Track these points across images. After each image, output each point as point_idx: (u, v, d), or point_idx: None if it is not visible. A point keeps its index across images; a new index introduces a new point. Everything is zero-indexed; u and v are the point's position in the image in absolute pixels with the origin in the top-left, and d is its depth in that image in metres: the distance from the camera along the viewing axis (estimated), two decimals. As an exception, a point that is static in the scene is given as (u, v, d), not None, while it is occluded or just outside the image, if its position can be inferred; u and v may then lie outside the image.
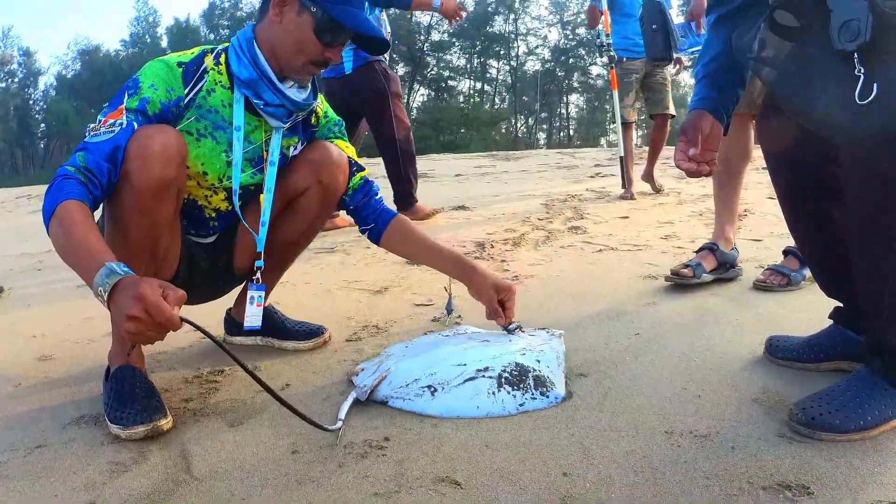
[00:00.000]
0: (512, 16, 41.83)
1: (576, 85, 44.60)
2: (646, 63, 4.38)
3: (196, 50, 1.41)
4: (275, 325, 1.77)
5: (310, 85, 1.48)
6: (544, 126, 47.78)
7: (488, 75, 43.93)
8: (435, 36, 36.85)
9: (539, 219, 3.84)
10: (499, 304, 1.54)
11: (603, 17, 4.37)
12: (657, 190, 4.58)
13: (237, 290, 1.78)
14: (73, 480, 1.11)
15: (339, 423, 1.24)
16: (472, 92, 41.00)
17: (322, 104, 1.60)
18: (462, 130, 36.42)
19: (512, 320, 1.56)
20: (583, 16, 34.14)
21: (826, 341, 1.39)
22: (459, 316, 1.94)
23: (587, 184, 5.49)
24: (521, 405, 1.29)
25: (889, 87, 0.95)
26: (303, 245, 1.67)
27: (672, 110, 4.46)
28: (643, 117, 4.95)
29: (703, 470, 1.05)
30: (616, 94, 4.42)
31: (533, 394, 1.32)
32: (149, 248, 1.30)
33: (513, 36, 43.45)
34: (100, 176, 1.19)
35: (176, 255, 1.44)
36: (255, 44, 1.39)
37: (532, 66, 44.17)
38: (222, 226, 1.53)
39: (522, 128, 46.85)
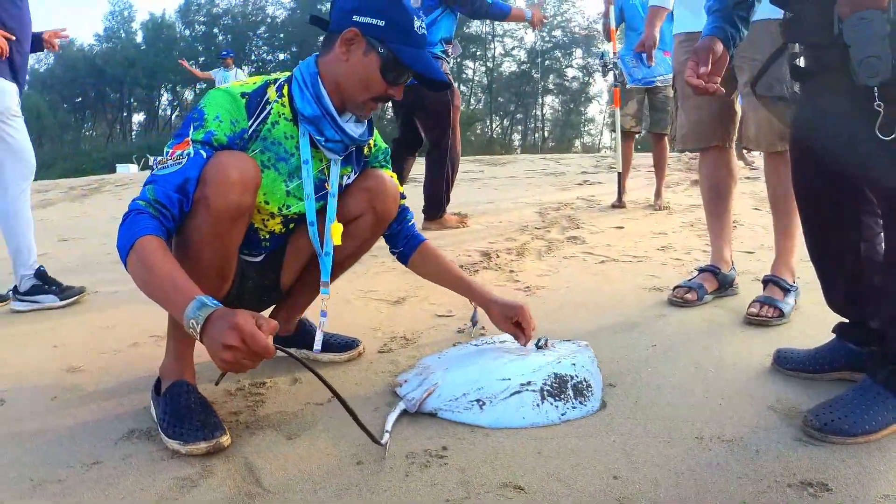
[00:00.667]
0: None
1: (551, 87, 45.08)
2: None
3: (259, 80, 1.46)
4: (310, 337, 1.85)
5: (366, 120, 1.56)
6: (519, 127, 48.19)
7: (464, 76, 44.17)
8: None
9: (536, 228, 3.97)
10: (515, 324, 1.66)
11: (611, 35, 4.48)
12: (661, 208, 4.54)
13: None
14: (143, 497, 1.15)
15: (387, 436, 1.33)
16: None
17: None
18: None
19: (534, 337, 1.67)
20: (559, 18, 34.56)
21: (830, 353, 1.54)
22: (483, 327, 2.05)
23: (576, 192, 5.65)
24: (563, 415, 1.42)
25: None
26: (348, 266, 1.76)
27: (668, 130, 4.58)
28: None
29: (734, 471, 1.18)
30: (618, 111, 4.55)
31: (573, 403, 1.44)
32: (219, 269, 1.37)
33: (489, 37, 43.76)
34: (171, 208, 1.25)
35: (233, 274, 1.52)
36: (318, 79, 1.44)
37: (508, 67, 44.54)
38: (273, 246, 1.62)
39: (498, 129, 47.20)
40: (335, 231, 1.54)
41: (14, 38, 2.55)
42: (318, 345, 1.69)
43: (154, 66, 41.23)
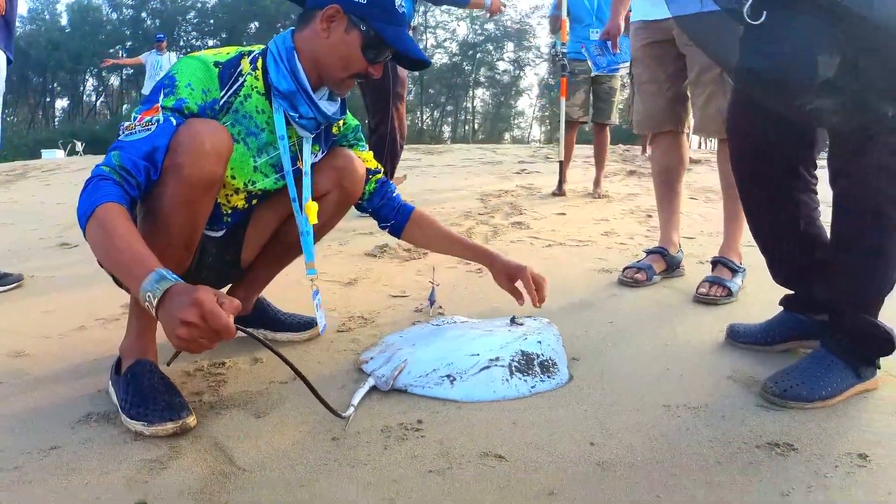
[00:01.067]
0: (422, 8, 41.95)
1: (482, 80, 45.43)
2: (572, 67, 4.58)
3: (233, 51, 1.41)
4: (268, 316, 1.81)
5: (340, 99, 1.52)
6: (450, 119, 48.36)
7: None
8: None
9: (480, 214, 4.00)
10: (516, 285, 1.65)
11: (562, 26, 4.53)
12: (601, 196, 4.62)
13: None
14: (108, 480, 1.09)
15: (351, 409, 1.32)
16: (379, 83, 40.91)
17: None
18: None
19: (532, 296, 1.61)
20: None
21: (780, 326, 1.63)
22: (441, 306, 2.05)
23: (516, 180, 5.72)
24: (532, 388, 1.43)
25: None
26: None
27: (614, 120, 4.70)
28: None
29: (705, 435, 1.23)
30: (563, 101, 4.61)
31: (542, 377, 1.46)
32: (186, 240, 1.31)
33: (422, 28, 43.58)
34: (137, 175, 1.19)
35: (196, 247, 1.45)
36: (295, 55, 1.40)
37: (440, 59, 44.53)
38: (234, 221, 1.56)
39: (428, 120, 47.21)
40: (311, 210, 1.50)
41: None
42: (321, 323, 1.71)
43: (79, 49, 38.81)
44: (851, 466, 1.12)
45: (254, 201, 1.54)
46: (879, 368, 1.41)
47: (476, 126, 46.21)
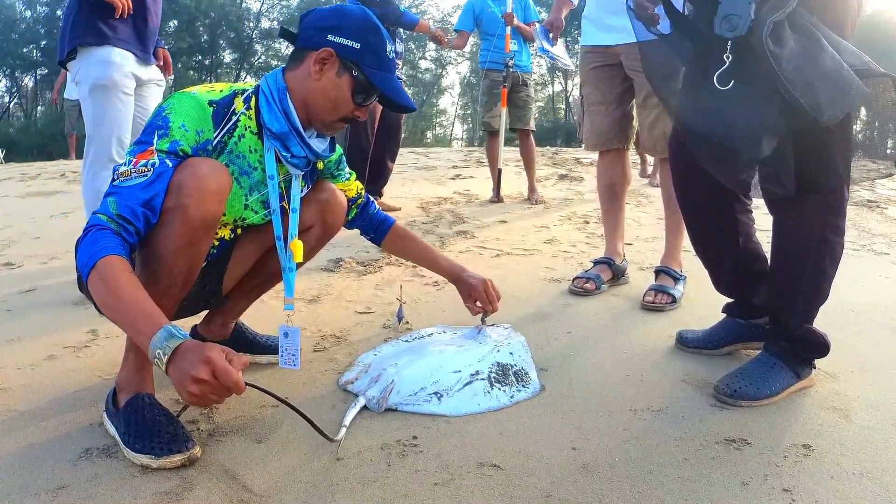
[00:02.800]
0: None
1: (404, 78, 45.35)
2: (511, 78, 4.73)
3: (226, 88, 1.42)
4: (246, 340, 1.85)
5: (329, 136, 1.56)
6: (373, 119, 47.98)
7: (317, 66, 43.12)
8: (265, 23, 35.51)
9: (424, 223, 4.10)
10: (473, 302, 1.82)
11: (506, 41, 4.66)
12: (537, 202, 4.79)
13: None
14: None
15: (343, 431, 1.39)
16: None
17: None
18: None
19: (487, 310, 1.84)
20: (414, 10, 34.94)
21: (723, 331, 1.84)
22: (408, 322, 2.15)
23: (452, 186, 5.86)
24: (511, 397, 1.56)
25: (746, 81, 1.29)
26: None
27: (532, 126, 4.87)
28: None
29: (669, 435, 1.40)
30: (504, 111, 4.77)
31: (518, 387, 1.60)
32: (186, 279, 1.34)
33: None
34: (135, 222, 1.21)
35: (192, 283, 1.48)
36: (287, 94, 1.43)
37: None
38: (219, 253, 1.60)
39: (351, 120, 46.63)
40: (297, 248, 1.54)
41: None
42: (282, 362, 1.67)
43: (-9, 49, 35.88)
44: (798, 456, 1.32)
45: (238, 231, 1.58)
46: (815, 368, 1.64)
47: (399, 125, 46.10)
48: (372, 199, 1.87)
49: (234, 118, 1.41)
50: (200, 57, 33.82)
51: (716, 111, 1.35)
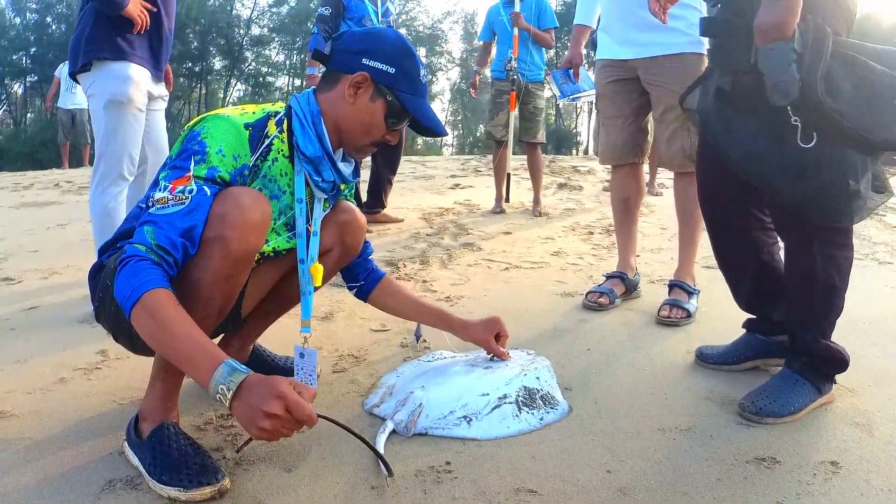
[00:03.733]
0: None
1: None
2: (516, 83, 4.64)
3: (258, 111, 1.40)
4: (265, 363, 1.84)
5: (353, 159, 1.55)
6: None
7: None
8: (255, 30, 35.45)
9: (428, 234, 4.11)
10: (495, 338, 1.76)
11: (513, 42, 4.61)
12: (541, 214, 4.76)
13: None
14: None
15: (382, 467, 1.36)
16: (290, 88, 40.02)
17: None
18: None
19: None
20: (404, 17, 34.98)
21: (744, 347, 1.85)
22: (426, 341, 2.15)
23: (452, 196, 5.87)
24: (541, 419, 1.57)
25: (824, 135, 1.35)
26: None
27: (541, 138, 4.79)
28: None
29: (700, 455, 1.40)
30: (512, 114, 4.72)
31: (546, 409, 1.60)
32: (223, 308, 1.33)
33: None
34: (174, 252, 1.19)
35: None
36: (321, 118, 1.41)
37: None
38: (240, 277, 1.59)
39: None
40: (317, 272, 1.53)
41: (155, 9, 2.39)
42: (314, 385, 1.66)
43: (-21, 56, 35.50)
44: (827, 474, 1.33)
45: (258, 257, 1.58)
46: (835, 383, 1.65)
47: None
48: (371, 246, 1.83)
49: (268, 141, 1.39)
50: (190, 64, 33.69)
51: (804, 165, 1.40)
